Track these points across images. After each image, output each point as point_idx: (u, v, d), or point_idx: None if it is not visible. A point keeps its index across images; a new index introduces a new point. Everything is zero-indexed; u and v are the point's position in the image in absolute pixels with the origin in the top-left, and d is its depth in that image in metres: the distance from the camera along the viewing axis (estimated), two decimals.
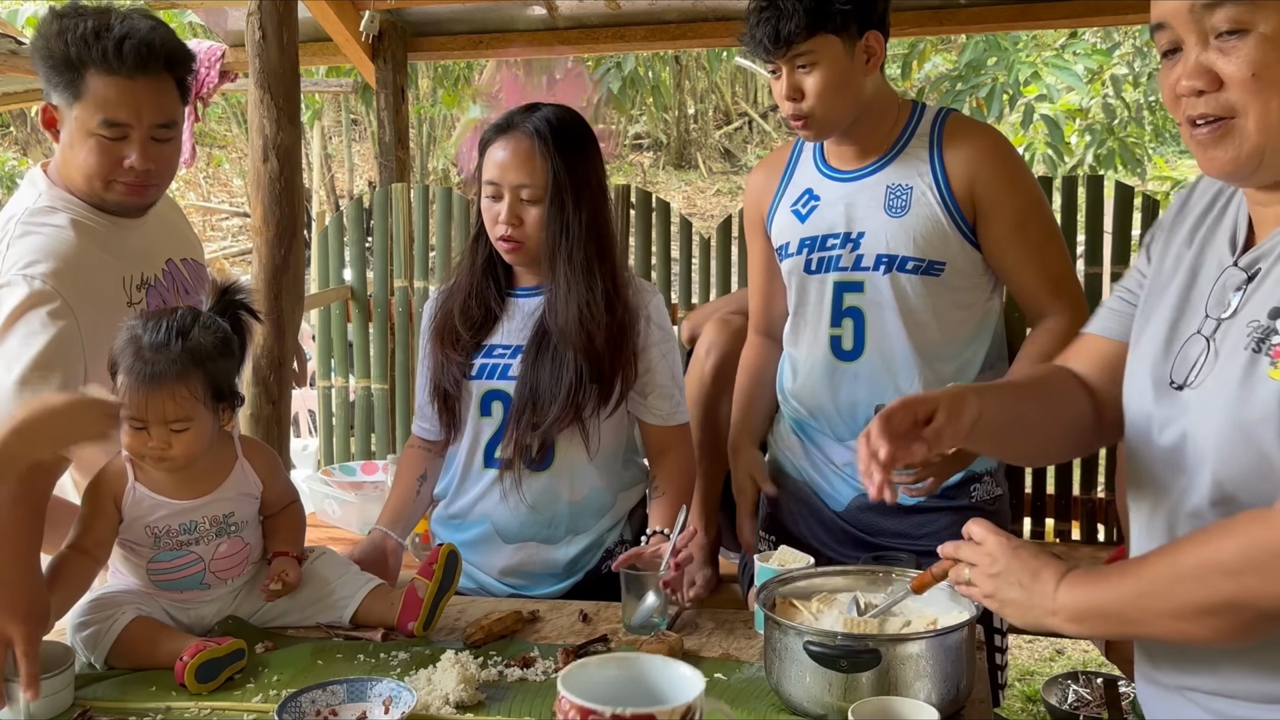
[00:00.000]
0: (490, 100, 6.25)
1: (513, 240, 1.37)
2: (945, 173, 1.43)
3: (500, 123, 1.42)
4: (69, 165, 1.31)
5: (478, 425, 1.44)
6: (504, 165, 1.37)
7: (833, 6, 1.32)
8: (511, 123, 1.40)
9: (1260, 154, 0.77)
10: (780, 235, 1.56)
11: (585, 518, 1.49)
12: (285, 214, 2.18)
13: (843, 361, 1.50)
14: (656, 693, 0.72)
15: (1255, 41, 0.74)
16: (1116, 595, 0.83)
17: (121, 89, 1.23)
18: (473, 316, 1.44)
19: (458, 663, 1.08)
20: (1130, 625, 0.85)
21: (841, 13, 1.33)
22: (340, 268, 2.96)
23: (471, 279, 1.47)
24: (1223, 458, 0.80)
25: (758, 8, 1.37)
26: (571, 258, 1.37)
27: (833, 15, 1.32)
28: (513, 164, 1.36)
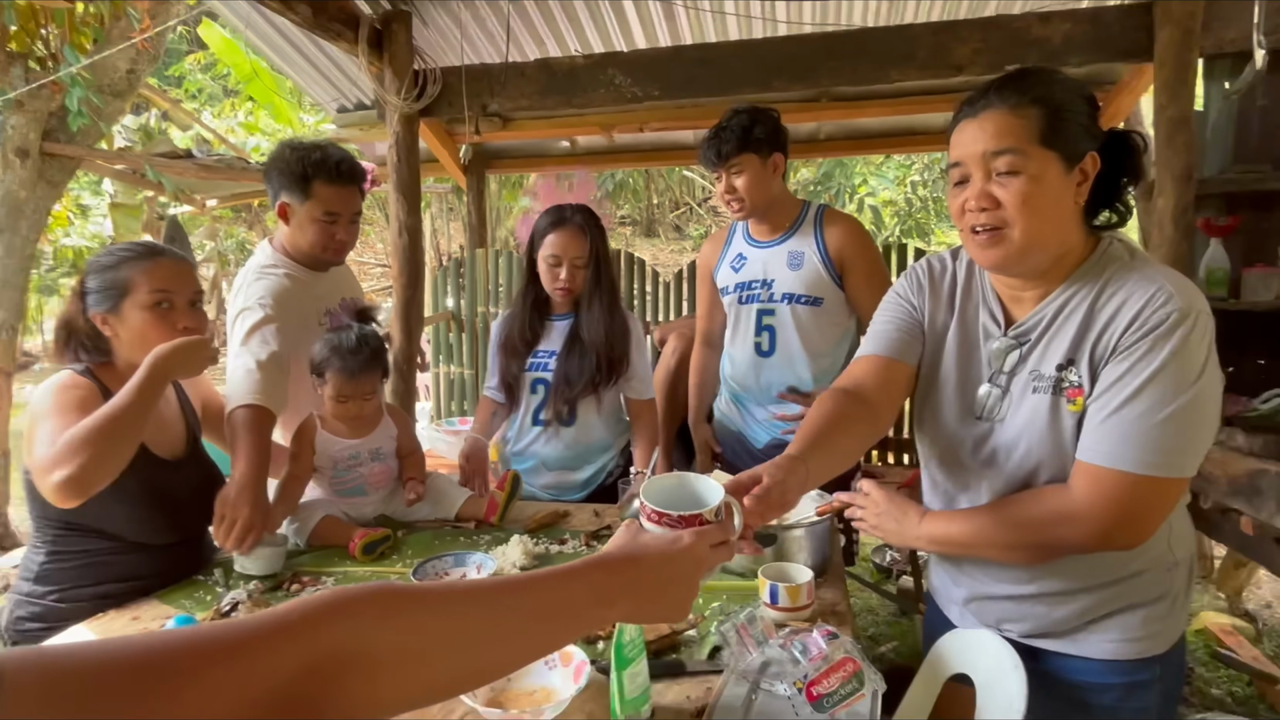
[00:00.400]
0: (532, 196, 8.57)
1: (567, 290, 1.98)
2: (824, 244, 2.04)
3: (554, 218, 1.98)
4: (296, 240, 1.83)
5: (529, 399, 2.09)
6: (564, 244, 1.96)
7: (752, 136, 1.94)
8: (564, 217, 1.97)
9: (1023, 253, 1.03)
10: (723, 280, 2.19)
11: (595, 454, 2.13)
12: (411, 267, 3.07)
13: (762, 358, 2.13)
14: (699, 499, 0.88)
15: (1024, 180, 1.00)
16: (960, 531, 1.14)
17: (338, 192, 1.79)
18: (526, 336, 2.06)
19: (520, 542, 1.57)
20: (966, 550, 1.16)
21: (757, 140, 1.95)
22: (444, 299, 4.44)
23: (525, 312, 2.08)
24: (1035, 458, 1.09)
25: (708, 137, 1.98)
26: (600, 298, 2.01)
27: (752, 141, 1.95)
28: (570, 243, 1.96)
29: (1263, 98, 2.53)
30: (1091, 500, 1.01)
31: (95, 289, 1.42)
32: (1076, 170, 1.02)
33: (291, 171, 1.76)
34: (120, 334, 1.43)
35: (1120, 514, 1.00)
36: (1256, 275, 2.46)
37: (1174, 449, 0.98)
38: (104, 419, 1.27)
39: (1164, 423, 0.97)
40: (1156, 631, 1.12)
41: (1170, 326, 0.97)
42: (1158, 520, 1.03)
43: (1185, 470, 1.00)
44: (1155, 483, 0.98)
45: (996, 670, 1.15)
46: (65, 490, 1.24)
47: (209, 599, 1.41)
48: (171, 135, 8.00)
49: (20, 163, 4.08)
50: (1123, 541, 1.03)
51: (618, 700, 0.99)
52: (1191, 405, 0.97)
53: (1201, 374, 0.98)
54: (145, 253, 1.45)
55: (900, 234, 8.76)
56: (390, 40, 2.94)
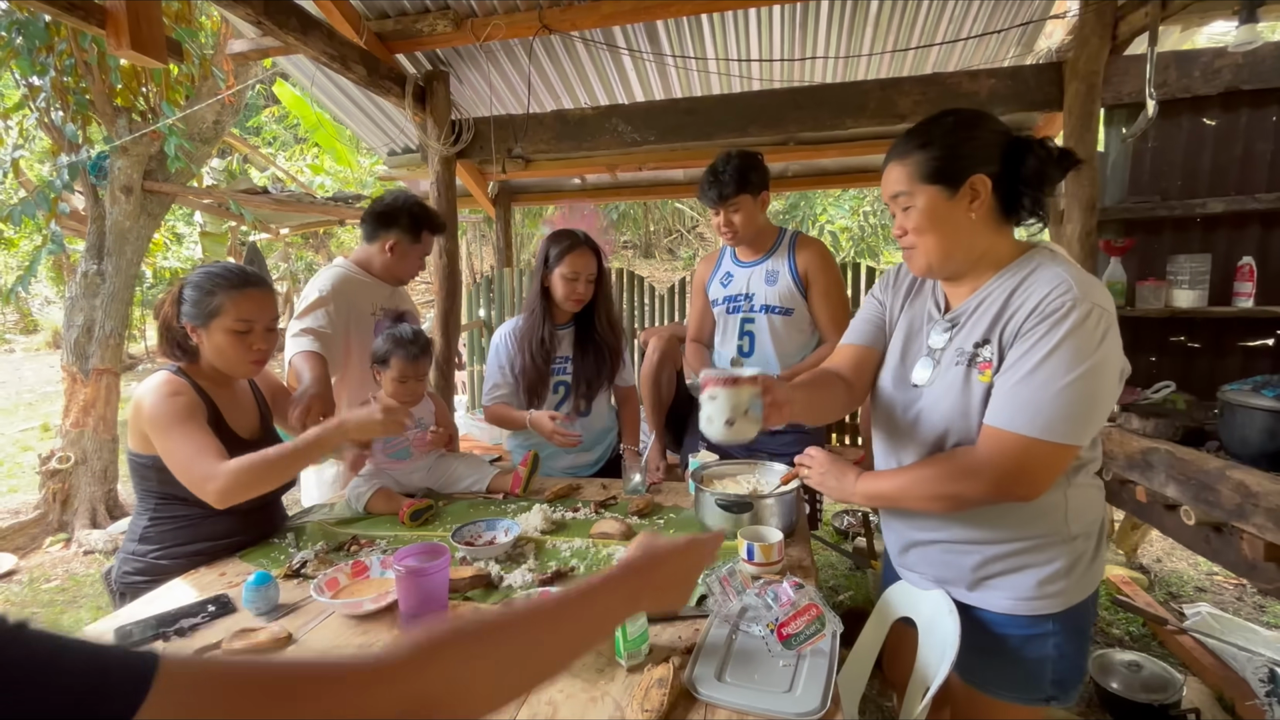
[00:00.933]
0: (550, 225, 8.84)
1: (581, 300, 1.98)
2: (795, 264, 2.05)
3: (570, 242, 1.96)
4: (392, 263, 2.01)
5: (551, 399, 2.07)
6: (582, 263, 1.95)
7: (748, 180, 1.95)
8: (577, 240, 1.97)
9: (932, 264, 1.09)
10: (714, 294, 2.19)
11: (601, 436, 2.17)
12: (450, 283, 3.11)
13: (743, 358, 2.13)
14: None
15: (915, 212, 1.07)
16: (888, 486, 1.15)
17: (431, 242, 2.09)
18: (544, 345, 2.02)
19: (541, 510, 1.58)
20: (894, 502, 1.17)
21: (750, 182, 1.95)
22: (477, 309, 4.43)
23: (543, 326, 2.02)
24: (948, 422, 1.09)
25: (708, 180, 1.96)
26: (607, 307, 2.05)
27: (747, 184, 1.95)
28: (586, 262, 1.96)
29: (1154, 140, 2.52)
30: (991, 458, 1.01)
31: (190, 301, 1.40)
32: (965, 191, 1.04)
33: (413, 219, 2.01)
34: (205, 344, 1.41)
35: (1015, 470, 0.99)
36: (1149, 288, 2.45)
37: (1062, 418, 0.96)
38: (279, 460, 1.34)
39: (1055, 395, 0.96)
40: (1052, 593, 1.09)
41: (1065, 312, 0.96)
42: (1047, 479, 1.01)
43: (1071, 438, 0.98)
44: (1045, 445, 0.97)
45: (935, 615, 1.15)
46: (225, 503, 1.29)
47: (282, 558, 1.41)
48: (251, 175, 7.99)
49: (125, 198, 4.07)
50: (1017, 494, 1.02)
51: (621, 640, 0.99)
52: (1082, 382, 0.95)
53: (1093, 356, 0.95)
54: (237, 282, 1.41)
55: (855, 255, 8.78)
56: (431, 95, 2.94)
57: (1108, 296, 1.00)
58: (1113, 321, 0.99)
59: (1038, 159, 1.02)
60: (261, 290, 1.45)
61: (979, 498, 1.04)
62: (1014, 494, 1.01)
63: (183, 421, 1.31)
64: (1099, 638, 2.58)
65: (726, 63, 3.10)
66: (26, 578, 3.50)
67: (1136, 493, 1.99)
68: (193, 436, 1.31)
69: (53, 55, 3.66)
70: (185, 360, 1.44)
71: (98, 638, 1.08)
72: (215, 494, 1.28)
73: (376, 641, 1.09)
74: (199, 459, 1.29)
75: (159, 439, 1.31)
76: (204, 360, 1.44)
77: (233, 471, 1.28)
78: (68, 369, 4.12)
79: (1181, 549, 3.39)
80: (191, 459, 1.29)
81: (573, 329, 2.05)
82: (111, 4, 1.63)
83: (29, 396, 8.59)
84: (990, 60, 3.11)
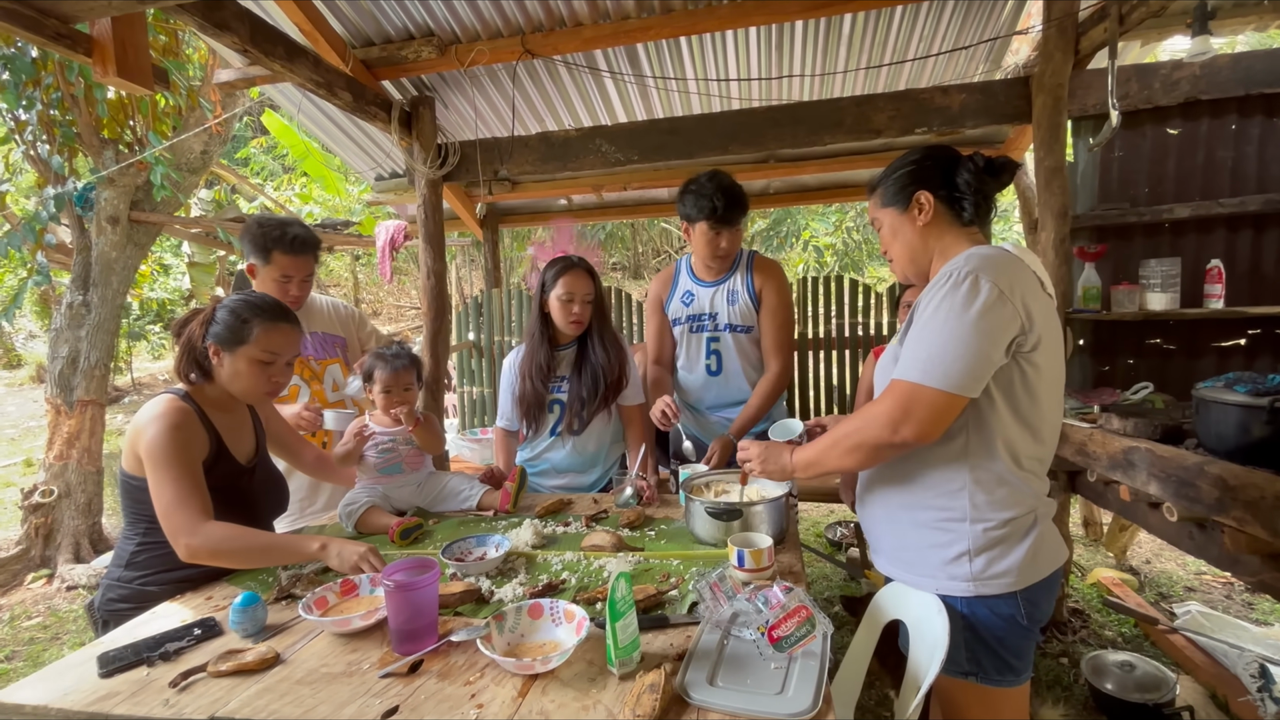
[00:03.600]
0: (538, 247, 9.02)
1: (579, 322, 1.94)
2: (753, 283, 2.09)
3: (564, 265, 1.94)
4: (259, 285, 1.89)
5: (546, 418, 2.03)
6: (576, 284, 1.91)
7: (747, 206, 2.01)
8: (573, 264, 1.94)
9: (903, 271, 1.27)
10: (674, 313, 2.18)
11: (598, 459, 2.10)
12: (438, 304, 3.10)
13: (712, 377, 2.15)
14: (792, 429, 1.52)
15: (883, 230, 1.28)
16: (816, 452, 1.23)
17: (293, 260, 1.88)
18: (544, 369, 1.99)
19: (531, 525, 1.57)
20: (823, 464, 1.22)
21: (742, 210, 2.00)
22: (467, 331, 4.41)
23: (541, 348, 1.99)
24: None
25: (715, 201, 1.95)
26: (603, 328, 1.99)
27: (747, 207, 2.01)
28: (580, 284, 1.92)
29: (1120, 150, 2.59)
30: (883, 403, 1.11)
31: (222, 324, 1.40)
32: (911, 207, 1.23)
33: (253, 240, 1.86)
34: (225, 367, 1.41)
35: (899, 412, 1.08)
36: (1123, 292, 2.50)
37: (935, 364, 1.05)
38: (258, 552, 1.34)
39: (927, 345, 1.06)
40: (959, 576, 1.13)
41: (943, 281, 1.08)
42: (930, 421, 1.07)
43: (945, 383, 1.04)
44: (923, 389, 1.06)
45: (924, 615, 1.15)
46: (191, 559, 1.29)
47: (270, 580, 1.39)
48: (239, 204, 7.99)
49: (111, 229, 4.05)
50: (905, 434, 1.08)
51: (613, 648, 0.98)
52: (951, 334, 1.05)
53: (963, 313, 1.04)
54: (273, 314, 1.43)
55: (839, 269, 8.85)
56: (417, 120, 2.98)
57: (1002, 270, 1.07)
58: (996, 289, 1.05)
59: (967, 171, 1.20)
60: (293, 326, 1.47)
61: (878, 441, 1.11)
62: (902, 434, 1.08)
63: (177, 461, 1.30)
64: (1090, 640, 2.58)
65: (706, 83, 3.17)
66: (7, 615, 3.41)
67: (1121, 492, 2.02)
68: (182, 481, 1.29)
69: (39, 89, 3.68)
70: (200, 379, 1.43)
71: (80, 665, 1.06)
72: (186, 549, 1.27)
73: (366, 659, 1.07)
74: (182, 508, 1.28)
75: (150, 470, 1.30)
76: (216, 383, 1.44)
77: (215, 539, 1.28)
78: (51, 401, 4.06)
79: (1170, 550, 3.41)
80: (175, 505, 1.28)
81: (574, 349, 2.01)
82: (98, 32, 1.65)
83: (11, 432, 8.43)
84: (960, 76, 3.20)
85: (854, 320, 3.91)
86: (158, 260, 8.83)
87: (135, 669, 1.06)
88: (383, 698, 0.96)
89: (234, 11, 1.96)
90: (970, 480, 1.11)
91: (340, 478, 1.81)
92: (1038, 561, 1.13)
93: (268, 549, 1.34)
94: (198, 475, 1.33)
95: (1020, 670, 1.16)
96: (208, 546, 1.27)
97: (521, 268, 10.11)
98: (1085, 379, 2.65)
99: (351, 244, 5.78)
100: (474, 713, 0.91)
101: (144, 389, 10.22)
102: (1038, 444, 1.14)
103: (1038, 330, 1.08)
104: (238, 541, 1.30)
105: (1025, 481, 1.13)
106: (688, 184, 2.02)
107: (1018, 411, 1.11)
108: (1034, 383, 1.10)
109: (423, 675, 1.02)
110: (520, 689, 0.97)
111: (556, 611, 1.12)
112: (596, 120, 3.48)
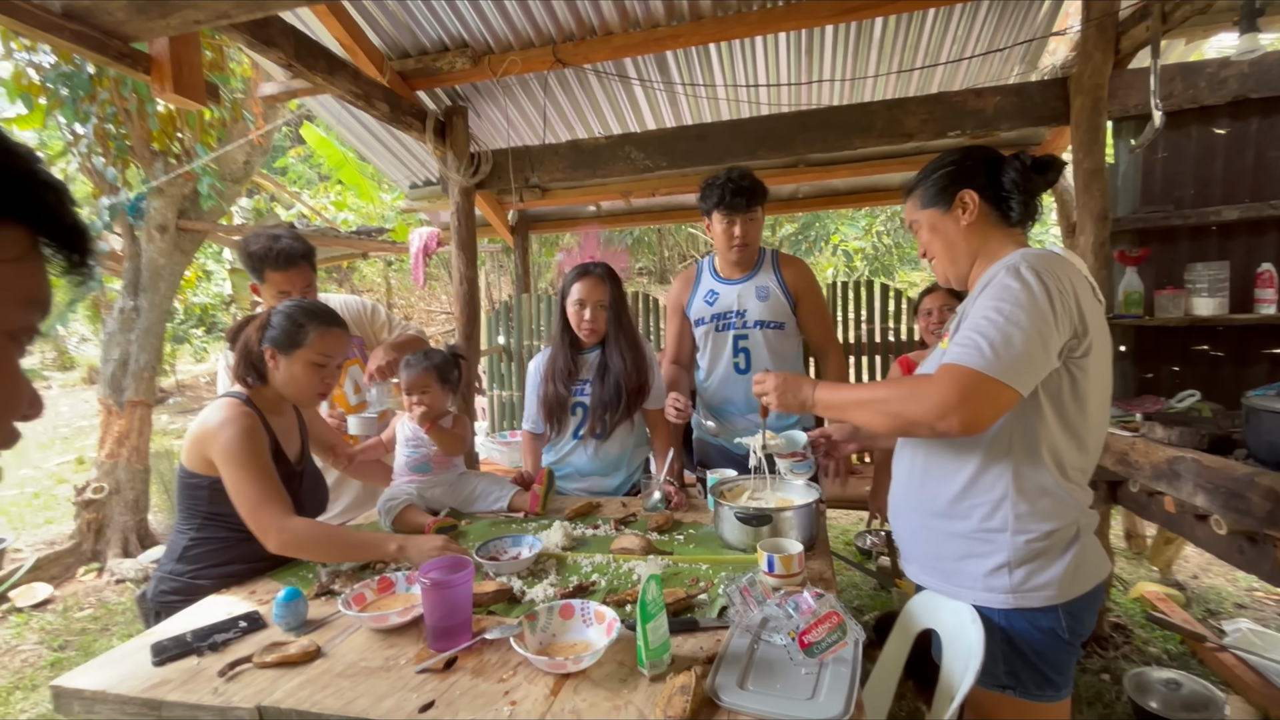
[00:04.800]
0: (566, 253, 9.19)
1: (592, 329, 1.95)
2: (783, 279, 2.10)
3: (580, 271, 1.97)
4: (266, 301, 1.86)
5: (570, 421, 2.05)
6: (589, 290, 1.93)
7: (761, 194, 2.00)
8: (588, 271, 1.96)
9: (945, 274, 1.26)
10: (696, 313, 2.16)
11: (621, 463, 2.09)
12: (470, 309, 3.16)
13: (739, 375, 2.12)
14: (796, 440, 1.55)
15: (923, 232, 1.26)
16: (841, 397, 1.23)
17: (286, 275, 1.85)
18: (566, 370, 2.01)
19: (561, 527, 1.59)
20: (845, 409, 1.23)
21: (763, 198, 2.01)
22: (497, 335, 4.53)
23: (564, 350, 2.02)
24: None
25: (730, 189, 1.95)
26: (622, 335, 1.98)
27: (763, 196, 2.01)
28: (593, 289, 1.93)
29: (1163, 151, 2.52)
30: (934, 382, 1.06)
31: (278, 328, 1.45)
32: (956, 205, 1.20)
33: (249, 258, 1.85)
34: (279, 369, 1.47)
35: (957, 396, 1.02)
36: (1167, 296, 2.43)
37: (994, 349, 1.01)
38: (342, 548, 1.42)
39: (986, 333, 1.03)
40: (997, 588, 1.11)
41: (993, 275, 1.07)
42: (983, 411, 1.03)
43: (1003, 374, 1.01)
44: (977, 376, 1.01)
45: (958, 625, 1.14)
46: (281, 552, 1.37)
47: (310, 577, 1.43)
48: (278, 212, 8.26)
49: (160, 237, 4.23)
50: (953, 421, 1.03)
51: (644, 649, 0.99)
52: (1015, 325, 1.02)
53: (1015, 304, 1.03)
54: (326, 319, 1.48)
55: (869, 273, 8.69)
56: (451, 129, 3.05)
57: (1059, 270, 1.06)
58: (1056, 287, 1.04)
59: (1014, 170, 1.17)
60: (344, 330, 1.53)
61: (920, 419, 1.07)
62: (949, 421, 1.03)
63: (256, 462, 1.37)
64: (1133, 656, 2.49)
65: (735, 89, 3.17)
66: (60, 606, 3.57)
67: (1165, 504, 1.95)
68: (264, 480, 1.36)
69: (95, 104, 3.86)
70: (256, 383, 1.49)
71: (135, 653, 1.11)
72: (277, 544, 1.34)
73: (403, 654, 1.10)
74: (268, 505, 1.35)
75: (231, 471, 1.35)
76: (271, 385, 1.49)
77: (303, 534, 1.36)
78: (104, 401, 4.24)
79: (1219, 564, 3.28)
80: (261, 503, 1.34)
81: (597, 354, 2.02)
82: (156, 51, 1.74)
83: (65, 431, 8.81)
84: (995, 79, 3.15)
85: (884, 325, 3.88)
86: (200, 266, 9.15)
87: (186, 658, 1.11)
88: (419, 692, 0.98)
89: (280, 29, 2.04)
90: (1013, 489, 1.09)
91: (375, 477, 1.86)
92: (1080, 574, 1.10)
93: (351, 545, 1.41)
94: (274, 474, 1.40)
95: (1061, 685, 1.13)
96: (296, 540, 1.35)
97: (550, 273, 10.23)
98: (1127, 387, 2.58)
99: (385, 250, 5.93)
100: (508, 709, 0.93)
101: (187, 391, 10.59)
102: (1083, 453, 1.11)
103: (1090, 335, 1.06)
104: (323, 538, 1.39)
105: (1069, 492, 1.10)
106: (705, 180, 2.05)
107: (1065, 419, 1.08)
108: (1083, 389, 1.08)
109: (457, 671, 1.04)
110: (552, 687, 0.98)
111: (587, 612, 1.14)
112: (626, 127, 3.51)
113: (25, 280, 0.43)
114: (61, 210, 0.45)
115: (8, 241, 0.42)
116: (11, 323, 0.43)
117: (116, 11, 1.62)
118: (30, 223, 0.43)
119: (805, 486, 1.60)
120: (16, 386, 0.45)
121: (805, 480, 1.62)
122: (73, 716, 1.04)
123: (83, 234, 0.46)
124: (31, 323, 0.45)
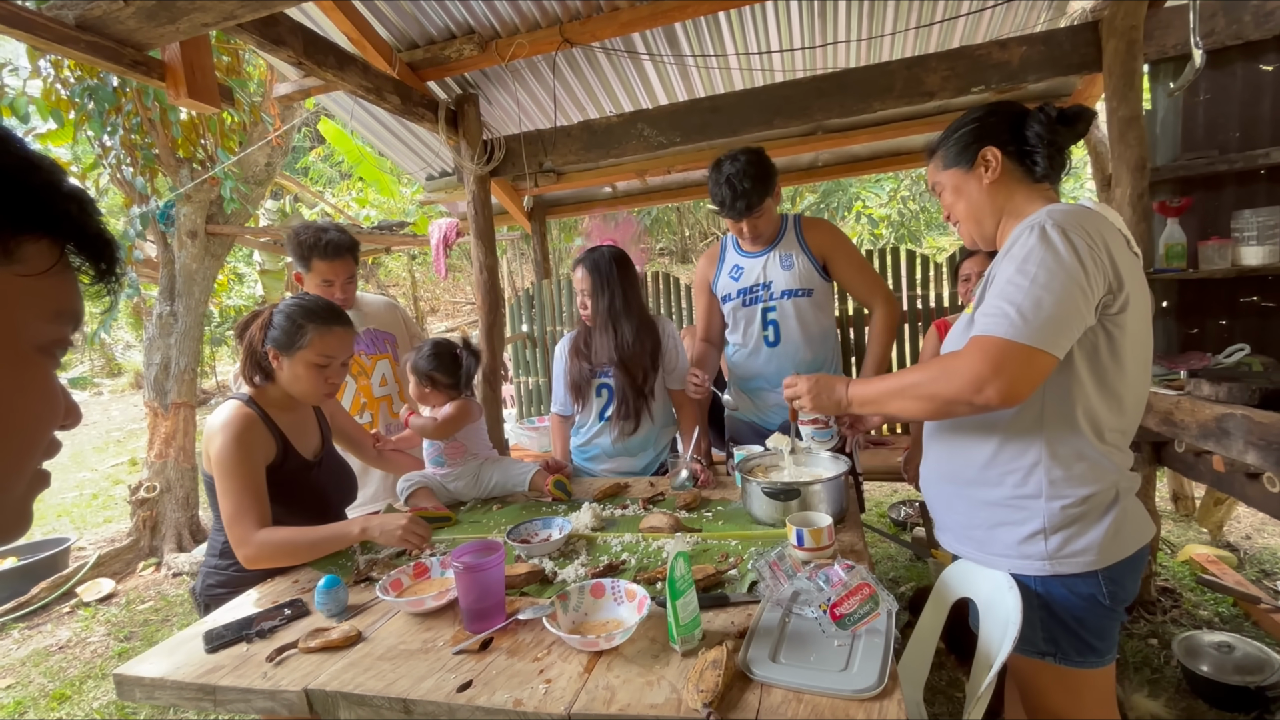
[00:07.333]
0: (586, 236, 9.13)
1: (586, 314, 2.02)
2: (807, 245, 2.04)
3: (575, 262, 2.03)
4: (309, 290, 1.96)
5: (596, 401, 2.08)
6: (579, 281, 2.01)
7: (767, 186, 1.93)
8: (578, 261, 2.02)
9: (969, 234, 1.23)
10: (723, 289, 2.14)
11: (647, 442, 2.11)
12: (491, 297, 3.15)
13: (770, 348, 2.08)
14: None
15: (946, 194, 1.24)
16: (879, 389, 1.18)
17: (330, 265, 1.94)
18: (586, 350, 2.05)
19: (590, 509, 1.61)
20: (882, 403, 1.18)
21: (769, 186, 1.93)
22: (520, 323, 4.54)
23: (581, 331, 2.08)
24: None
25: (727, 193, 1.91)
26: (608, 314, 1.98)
27: (767, 189, 1.93)
28: (581, 280, 2.01)
29: (1205, 93, 2.38)
30: (965, 356, 1.03)
31: (278, 328, 1.47)
32: (977, 165, 1.17)
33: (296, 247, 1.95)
34: (284, 371, 1.49)
35: (990, 368, 0.99)
36: (1212, 247, 2.31)
37: (1023, 315, 0.98)
38: (305, 547, 1.42)
39: (1014, 298, 0.99)
40: (1032, 555, 1.08)
41: (1030, 232, 1.02)
42: (1020, 379, 0.99)
43: (1036, 339, 0.97)
44: (1008, 344, 0.98)
45: (995, 593, 1.12)
46: (251, 566, 1.39)
47: (349, 565, 1.47)
48: (302, 212, 8.40)
49: (191, 242, 4.34)
50: (990, 394, 0.99)
51: (675, 625, 1.00)
52: (1044, 286, 0.98)
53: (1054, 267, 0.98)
54: (326, 318, 1.48)
55: (895, 240, 8.46)
56: (463, 118, 3.04)
57: (1089, 224, 1.01)
58: (1085, 242, 0.99)
59: (1038, 123, 1.13)
60: (346, 329, 1.52)
61: (957, 397, 1.03)
62: (986, 394, 1.00)
63: (238, 473, 1.39)
64: (1183, 620, 2.43)
65: (747, 57, 3.09)
66: (124, 600, 3.75)
67: (1214, 463, 1.88)
68: (242, 493, 1.38)
69: (120, 115, 3.96)
70: (263, 382, 1.51)
71: (189, 642, 1.16)
72: (244, 559, 1.38)
73: (440, 636, 1.13)
74: (238, 522, 1.37)
75: (217, 480, 1.40)
76: (277, 384, 1.51)
77: (267, 545, 1.38)
78: (150, 404, 4.41)
79: (1273, 524, 3.16)
80: (232, 520, 1.38)
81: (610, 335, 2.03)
82: (169, 57, 1.76)
83: (117, 434, 9.21)
84: (1021, 28, 3.01)
85: (912, 293, 3.78)
86: (232, 270, 9.39)
87: (236, 645, 1.16)
88: (457, 673, 1.01)
89: (288, 27, 2.05)
90: (1046, 455, 1.06)
91: (402, 467, 1.89)
92: (1120, 539, 1.07)
93: (315, 544, 1.43)
94: (258, 484, 1.41)
95: (1103, 651, 1.10)
96: (260, 554, 1.37)
97: (570, 258, 10.25)
98: (1170, 343, 2.47)
99: (407, 244, 5.98)
100: (543, 687, 0.95)
101: (228, 391, 10.94)
102: (1121, 415, 1.07)
103: (1126, 290, 1.01)
104: (285, 544, 1.40)
105: (1106, 455, 1.07)
106: (709, 175, 1.99)
107: (1102, 380, 1.04)
108: (1121, 347, 1.03)
109: (493, 652, 1.06)
110: (586, 665, 1.00)
111: (618, 591, 1.14)
112: (637, 104, 3.46)
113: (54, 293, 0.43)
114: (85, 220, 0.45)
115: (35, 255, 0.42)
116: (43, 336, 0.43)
117: (127, 20, 1.64)
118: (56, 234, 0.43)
119: (833, 459, 1.57)
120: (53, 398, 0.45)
121: (831, 451, 1.59)
122: (135, 702, 1.10)
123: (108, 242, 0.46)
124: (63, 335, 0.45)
